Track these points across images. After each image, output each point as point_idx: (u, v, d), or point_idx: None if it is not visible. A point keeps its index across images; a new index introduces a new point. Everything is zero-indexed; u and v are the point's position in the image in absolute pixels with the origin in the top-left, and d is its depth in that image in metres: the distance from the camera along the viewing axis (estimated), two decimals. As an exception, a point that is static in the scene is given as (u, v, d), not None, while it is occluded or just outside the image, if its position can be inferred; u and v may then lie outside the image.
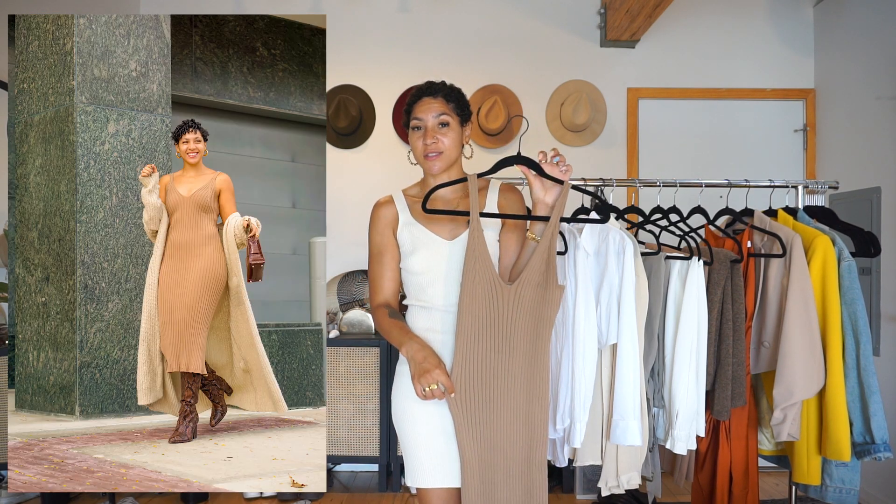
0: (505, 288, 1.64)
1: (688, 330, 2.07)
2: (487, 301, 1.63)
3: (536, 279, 1.66)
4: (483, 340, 1.64)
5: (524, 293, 1.65)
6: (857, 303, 2.11)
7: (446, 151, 1.73)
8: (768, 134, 4.00)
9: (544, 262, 1.67)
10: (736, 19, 3.99)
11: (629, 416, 1.93)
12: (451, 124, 1.74)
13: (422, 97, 1.78)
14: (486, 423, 1.65)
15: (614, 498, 2.95)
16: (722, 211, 2.43)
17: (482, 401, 1.64)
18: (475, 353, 1.64)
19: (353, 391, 3.43)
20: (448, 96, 1.76)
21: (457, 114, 1.76)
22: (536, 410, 1.69)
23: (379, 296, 1.78)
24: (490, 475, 1.65)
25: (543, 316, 1.68)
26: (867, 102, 3.42)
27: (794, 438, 2.13)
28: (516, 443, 1.67)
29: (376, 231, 1.79)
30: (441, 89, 1.77)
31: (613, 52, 3.99)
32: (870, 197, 3.31)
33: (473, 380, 1.64)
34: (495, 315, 1.64)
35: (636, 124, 3.98)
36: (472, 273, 1.63)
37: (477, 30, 3.99)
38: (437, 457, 1.69)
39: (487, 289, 1.63)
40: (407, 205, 1.79)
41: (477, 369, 1.64)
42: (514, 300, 1.64)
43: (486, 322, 1.64)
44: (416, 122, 1.77)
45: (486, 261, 1.64)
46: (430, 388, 1.56)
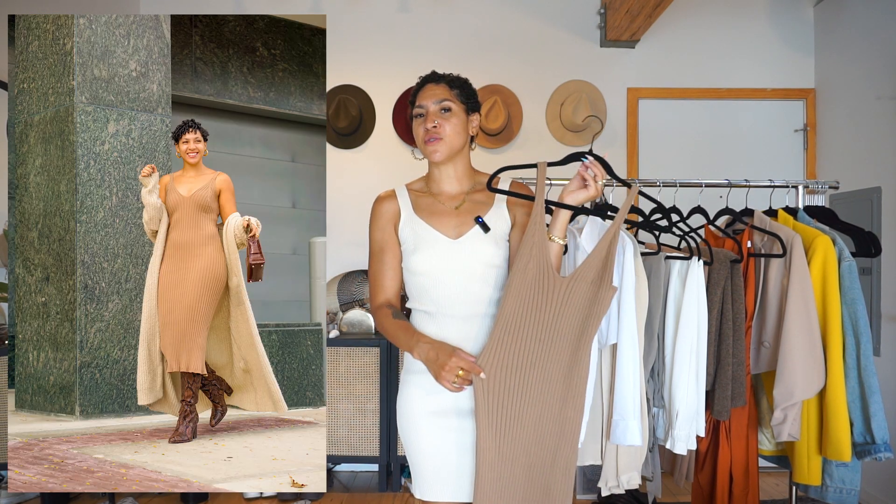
0: (558, 280, 1.57)
1: (688, 330, 2.07)
2: (537, 289, 1.55)
3: (592, 276, 1.58)
4: (525, 328, 1.55)
5: (576, 288, 1.57)
6: (858, 303, 2.11)
7: (447, 138, 1.63)
8: (768, 134, 4.00)
9: (602, 259, 1.59)
10: (736, 19, 3.99)
11: (629, 416, 1.93)
12: (455, 110, 1.65)
13: (425, 84, 1.70)
14: (512, 413, 1.56)
15: (614, 498, 2.95)
16: (722, 211, 2.43)
17: (512, 389, 1.56)
18: (514, 339, 1.55)
19: (353, 391, 3.43)
20: (452, 83, 1.69)
21: (461, 101, 1.68)
22: (570, 411, 1.60)
23: (380, 295, 1.69)
24: (510, 469, 1.57)
25: (592, 314, 1.59)
26: (867, 102, 3.41)
27: (795, 438, 2.13)
28: (543, 440, 1.59)
29: (377, 227, 1.71)
30: (445, 77, 1.70)
31: (613, 52, 3.99)
32: (870, 197, 3.31)
33: (506, 366, 1.55)
34: (543, 305, 1.56)
35: (636, 124, 3.98)
36: (526, 257, 1.55)
37: (477, 30, 3.99)
38: (443, 471, 1.63)
39: (539, 277, 1.55)
40: (410, 200, 1.70)
41: (513, 356, 1.55)
42: (564, 293, 1.56)
43: (531, 309, 1.56)
44: (417, 109, 1.67)
45: (543, 248, 1.56)
46: (455, 381, 1.50)
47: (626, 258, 1.95)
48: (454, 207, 1.68)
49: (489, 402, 1.55)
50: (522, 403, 1.56)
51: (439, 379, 1.52)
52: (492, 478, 1.56)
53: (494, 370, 1.55)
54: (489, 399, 1.55)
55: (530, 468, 1.59)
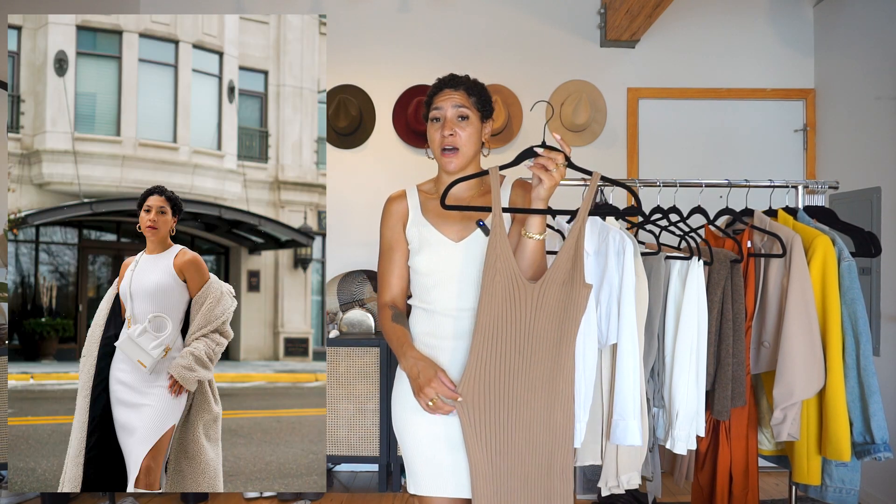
0: (527, 286, 1.54)
1: (688, 330, 2.07)
2: (508, 300, 1.54)
3: (562, 277, 1.56)
4: (502, 341, 1.55)
5: (548, 292, 1.55)
6: (857, 303, 2.11)
7: (463, 148, 1.67)
8: (768, 134, 4.00)
9: (571, 259, 1.56)
10: (736, 19, 3.99)
11: (629, 416, 1.93)
12: (471, 118, 1.68)
13: (443, 88, 1.70)
14: (501, 427, 1.57)
15: (614, 498, 2.95)
16: (722, 211, 2.43)
17: (498, 404, 1.57)
18: (493, 355, 1.56)
19: (353, 391, 3.43)
20: (470, 90, 1.70)
21: (477, 108, 1.70)
22: (558, 416, 1.60)
23: (386, 294, 1.74)
24: (506, 482, 1.58)
25: (568, 316, 1.57)
26: (867, 102, 3.41)
27: (795, 438, 2.13)
28: (536, 449, 1.59)
29: (386, 227, 1.74)
30: (463, 82, 1.71)
31: (613, 52, 3.99)
32: (870, 197, 3.31)
33: (489, 382, 1.56)
34: (516, 315, 1.55)
35: (636, 124, 3.98)
36: (492, 271, 1.54)
37: (477, 30, 3.99)
38: (437, 466, 1.64)
39: (509, 287, 1.54)
40: (419, 201, 1.73)
41: (494, 371, 1.56)
42: (536, 299, 1.55)
43: (506, 322, 1.55)
44: (435, 111, 1.69)
45: (507, 258, 1.54)
46: (431, 402, 1.54)
47: (626, 258, 1.95)
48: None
49: (473, 419, 1.57)
50: (509, 415, 1.57)
51: (417, 397, 1.58)
52: (489, 493, 1.57)
53: (478, 388, 1.56)
54: (473, 416, 1.57)
55: (527, 478, 1.59)
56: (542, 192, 1.55)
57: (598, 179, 1.61)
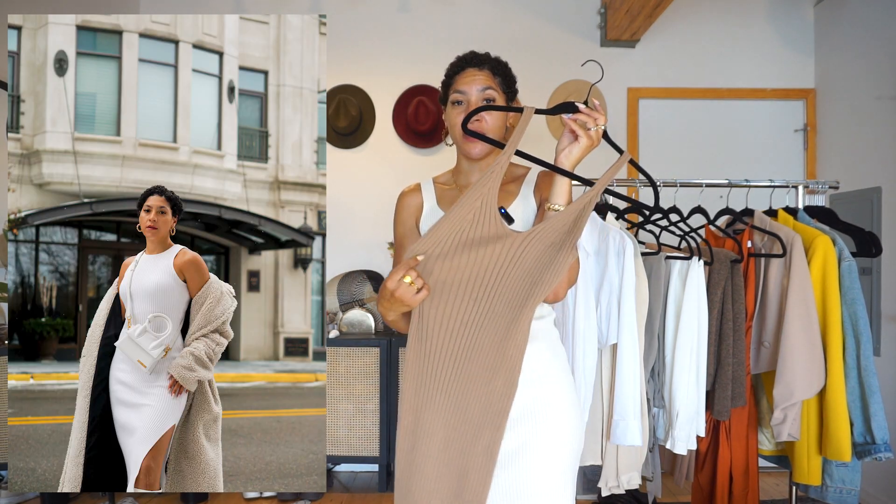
0: (510, 234, 1.38)
1: (688, 330, 2.07)
2: (483, 237, 1.37)
3: (553, 238, 1.38)
4: (463, 283, 1.38)
5: (532, 248, 1.38)
6: (858, 303, 2.11)
7: (489, 134, 1.49)
8: (768, 134, 4.00)
9: (571, 222, 1.39)
10: (736, 19, 3.98)
11: (629, 416, 1.93)
12: (497, 102, 1.53)
13: (465, 67, 1.54)
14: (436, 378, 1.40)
15: (614, 498, 2.95)
16: (722, 211, 2.43)
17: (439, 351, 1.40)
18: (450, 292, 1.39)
19: (353, 391, 3.43)
20: (495, 69, 1.54)
21: (503, 90, 1.54)
22: (499, 383, 1.38)
23: None
24: (425, 441, 1.40)
25: (543, 280, 1.36)
26: (867, 102, 3.41)
27: (795, 438, 2.13)
28: (466, 412, 1.39)
29: (399, 222, 1.64)
30: (487, 60, 1.54)
31: (613, 52, 3.99)
32: (870, 197, 3.31)
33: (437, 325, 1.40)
34: (486, 259, 1.38)
35: (636, 124, 3.98)
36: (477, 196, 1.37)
37: (477, 30, 3.99)
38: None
39: (488, 225, 1.37)
40: (435, 193, 1.62)
41: (444, 313, 1.39)
42: (516, 251, 1.38)
43: (471, 264, 1.38)
44: (457, 95, 1.53)
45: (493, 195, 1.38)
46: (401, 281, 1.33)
47: (626, 258, 1.95)
48: None
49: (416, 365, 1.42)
50: (447, 368, 1.40)
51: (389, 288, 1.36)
52: (406, 448, 1.42)
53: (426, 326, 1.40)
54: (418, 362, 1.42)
55: (448, 444, 1.40)
56: (575, 152, 1.40)
57: (626, 159, 1.46)
